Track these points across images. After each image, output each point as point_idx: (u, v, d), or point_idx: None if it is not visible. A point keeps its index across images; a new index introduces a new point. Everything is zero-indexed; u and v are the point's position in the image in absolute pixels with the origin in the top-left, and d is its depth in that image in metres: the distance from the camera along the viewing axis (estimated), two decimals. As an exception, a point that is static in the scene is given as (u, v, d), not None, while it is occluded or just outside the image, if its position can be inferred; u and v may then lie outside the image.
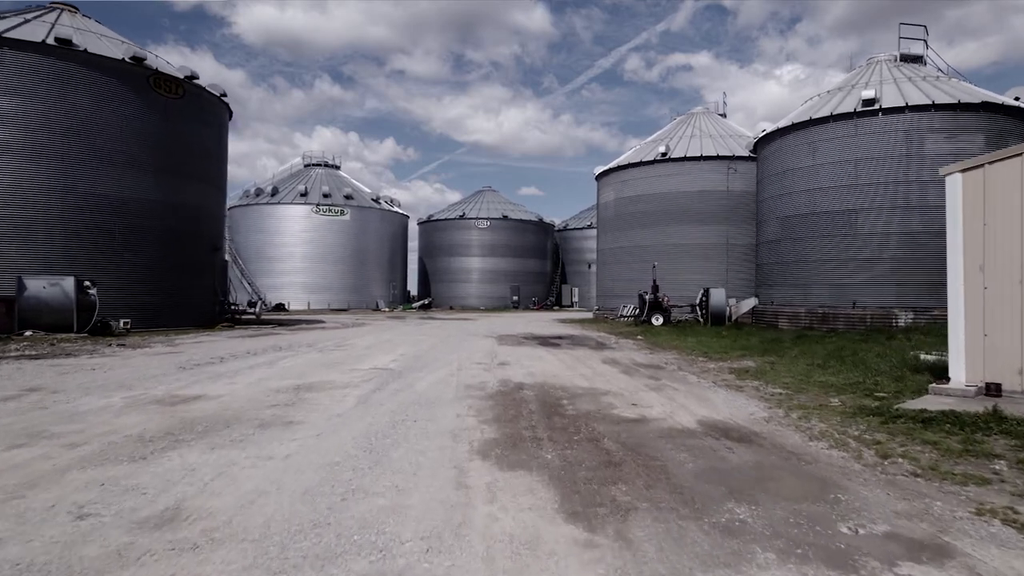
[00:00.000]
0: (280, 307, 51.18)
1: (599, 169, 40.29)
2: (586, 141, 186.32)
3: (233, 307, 30.04)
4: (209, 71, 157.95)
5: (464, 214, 63.78)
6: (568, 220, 73.34)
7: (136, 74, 22.44)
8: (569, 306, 66.20)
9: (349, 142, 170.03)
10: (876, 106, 23.66)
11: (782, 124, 27.22)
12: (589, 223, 67.95)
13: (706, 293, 28.28)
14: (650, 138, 39.89)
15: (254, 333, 23.03)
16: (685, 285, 32.74)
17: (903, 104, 23.18)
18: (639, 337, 22.11)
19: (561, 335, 23.67)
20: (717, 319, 27.16)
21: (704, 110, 40.16)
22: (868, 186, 23.76)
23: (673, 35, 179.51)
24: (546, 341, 20.35)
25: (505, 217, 63.55)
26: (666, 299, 29.20)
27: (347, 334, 23.03)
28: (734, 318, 29.11)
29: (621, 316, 35.07)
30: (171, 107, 23.85)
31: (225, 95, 27.09)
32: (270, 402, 8.39)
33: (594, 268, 68.08)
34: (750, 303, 29.46)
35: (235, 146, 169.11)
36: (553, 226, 69.39)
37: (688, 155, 34.73)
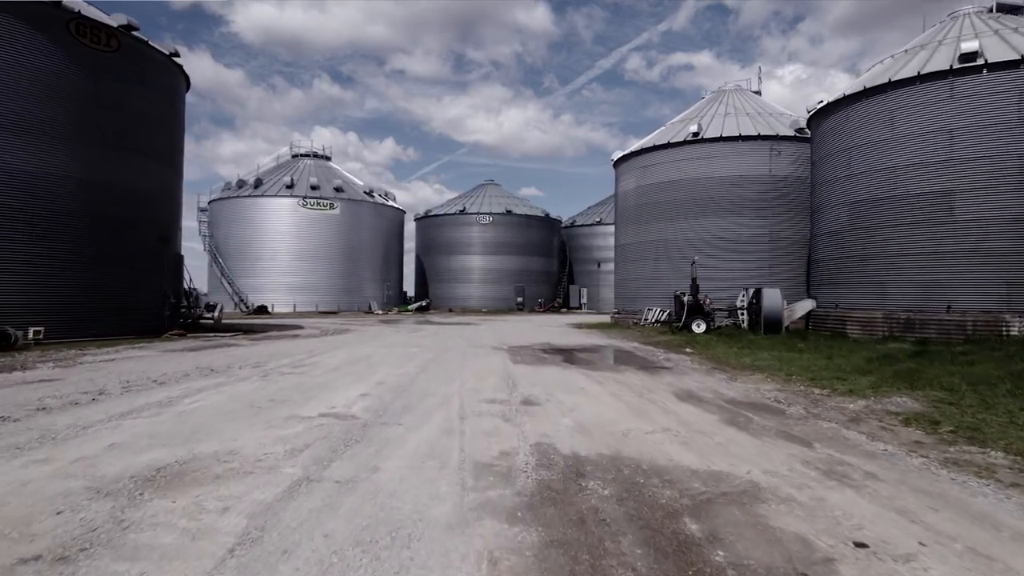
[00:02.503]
0: (262, 309, 46.51)
1: (617, 154, 35.66)
2: (587, 141, 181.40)
3: (194, 310, 25.36)
4: (208, 70, 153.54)
5: (464, 209, 59.12)
6: (575, 216, 68.61)
7: (50, 17, 17.74)
8: (577, 308, 61.53)
9: (348, 142, 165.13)
10: (979, 61, 19.00)
11: (849, 91, 22.54)
12: (598, 219, 63.37)
13: (757, 294, 23.60)
14: (676, 118, 35.22)
15: (202, 345, 18.33)
16: (721, 285, 28.10)
17: (1017, 57, 18.52)
18: (688, 350, 17.45)
19: (586, 346, 19.01)
20: (771, 325, 22.47)
21: (737, 87, 35.49)
22: (967, 161, 19.07)
23: (674, 35, 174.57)
24: (573, 356, 15.67)
25: (509, 212, 58.88)
26: (708, 301, 24.53)
27: (320, 345, 18.34)
28: (786, 324, 24.42)
29: (647, 321, 30.38)
30: (102, 63, 19.16)
31: (177, 55, 22.38)
32: (26, 551, 3.71)
33: (603, 267, 63.33)
34: (806, 306, 24.77)
35: (234, 146, 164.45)
36: (560, 222, 64.66)
37: (724, 135, 30.06)
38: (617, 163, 35.78)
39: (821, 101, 24.91)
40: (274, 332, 24.68)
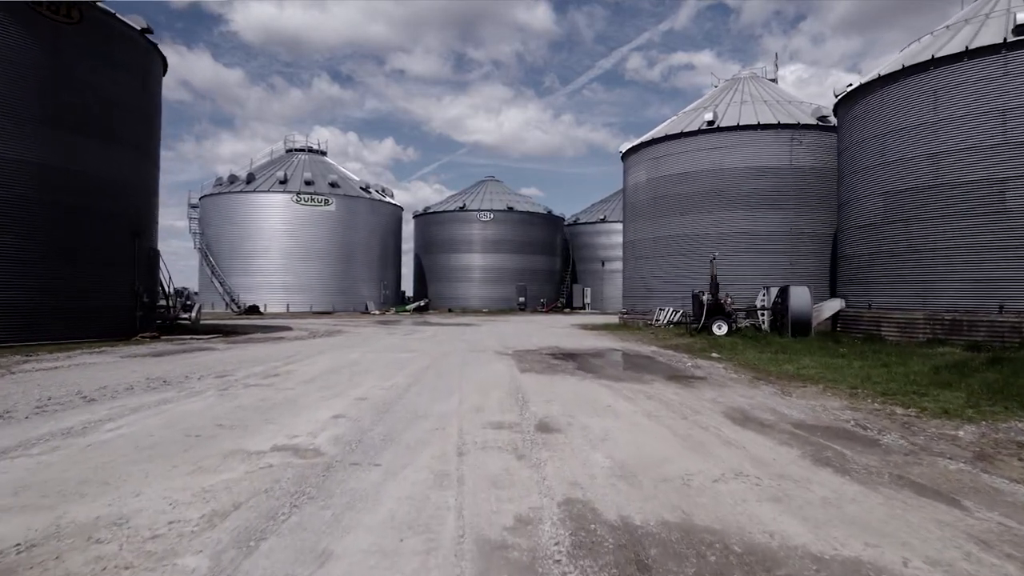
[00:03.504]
0: (254, 310, 44.66)
1: (626, 145, 33.74)
2: (587, 141, 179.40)
3: (171, 311, 23.39)
4: (207, 70, 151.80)
5: (464, 205, 57.20)
6: (579, 214, 66.69)
7: (1, -18, 15.87)
8: (581, 308, 59.65)
9: (348, 142, 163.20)
10: (1037, 33, 17.10)
11: (885, 71, 20.64)
12: (602, 216, 61.53)
13: (782, 293, 21.69)
14: (689, 107, 33.32)
15: (171, 349, 16.42)
16: (738, 283, 26.19)
17: (1080, 28, 16.63)
18: (714, 355, 15.54)
19: (599, 350, 17.12)
20: (799, 327, 20.53)
21: (752, 74, 33.60)
22: (1023, 144, 17.20)
23: (675, 34, 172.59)
24: (587, 363, 13.77)
25: (510, 209, 56.94)
26: (729, 301, 22.61)
27: (303, 349, 16.44)
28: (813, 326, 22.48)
29: (658, 322, 28.49)
30: (62, 36, 17.27)
31: (150, 31, 20.46)
32: None
33: (608, 266, 61.35)
34: (833, 306, 22.87)
35: (233, 146, 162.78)
36: (562, 220, 62.73)
37: (741, 123, 28.17)
38: (626, 155, 33.85)
39: (851, 84, 23.01)
40: (258, 334, 22.78)
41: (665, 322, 28.27)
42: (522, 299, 56.25)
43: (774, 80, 33.99)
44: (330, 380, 10.67)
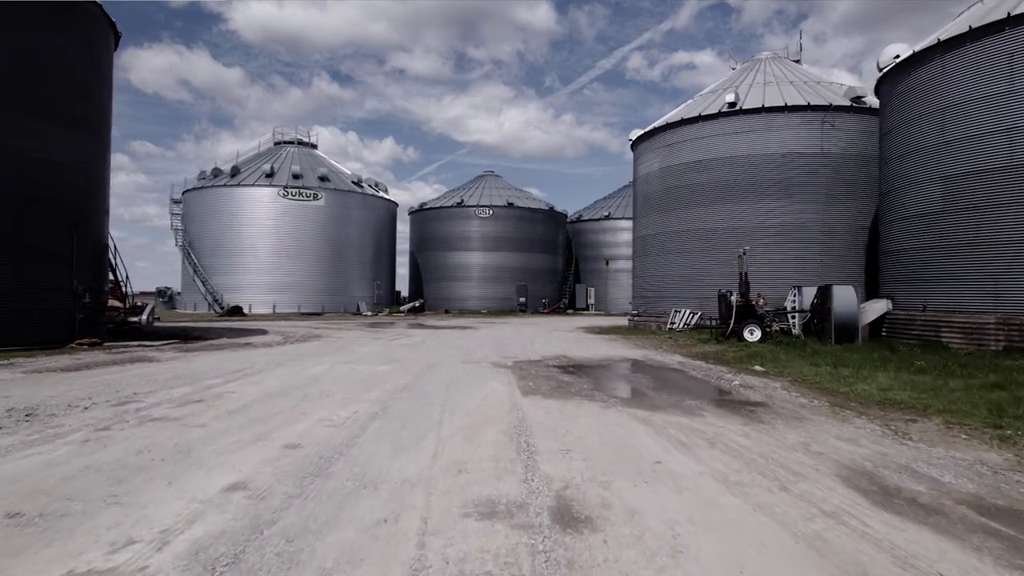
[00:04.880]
0: (237, 311, 41.83)
1: (636, 132, 30.90)
2: (588, 141, 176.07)
3: (122, 312, 20.54)
4: (206, 69, 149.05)
5: (463, 201, 54.29)
6: (582, 211, 63.76)
7: None
8: (584, 309, 56.79)
9: (348, 142, 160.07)
10: None
11: (947, 35, 17.82)
12: (607, 213, 58.69)
13: (822, 293, 18.88)
14: (707, 89, 30.49)
15: (101, 361, 13.58)
16: (763, 282, 23.33)
17: None
18: (757, 367, 12.72)
19: (614, 360, 14.31)
20: (844, 333, 17.73)
21: (773, 55, 30.78)
22: (1123, 116, 14.41)
23: (676, 33, 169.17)
24: (606, 381, 10.94)
25: (511, 205, 54.00)
26: (762, 302, 19.78)
27: (261, 360, 13.62)
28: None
29: (673, 324, 25.68)
30: (-24, -14, 14.52)
31: (94, -10, 17.71)
32: None
33: (612, 265, 58.50)
34: (878, 308, 20.04)
35: (233, 146, 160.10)
36: (565, 217, 59.82)
37: (766, 105, 25.35)
38: (636, 143, 31.01)
39: (897, 56, 20.18)
40: (223, 339, 19.96)
41: (681, 325, 25.47)
42: (523, 299, 53.37)
43: (798, 61, 31.18)
44: (268, 409, 7.86)
